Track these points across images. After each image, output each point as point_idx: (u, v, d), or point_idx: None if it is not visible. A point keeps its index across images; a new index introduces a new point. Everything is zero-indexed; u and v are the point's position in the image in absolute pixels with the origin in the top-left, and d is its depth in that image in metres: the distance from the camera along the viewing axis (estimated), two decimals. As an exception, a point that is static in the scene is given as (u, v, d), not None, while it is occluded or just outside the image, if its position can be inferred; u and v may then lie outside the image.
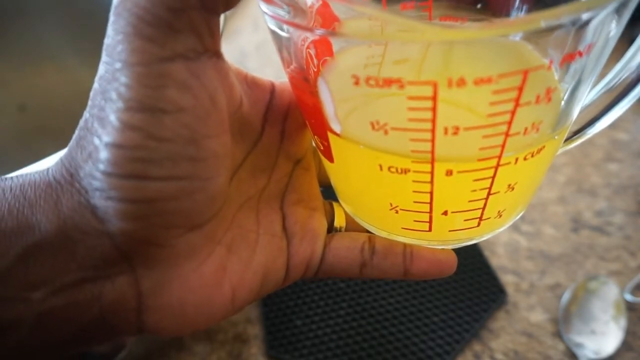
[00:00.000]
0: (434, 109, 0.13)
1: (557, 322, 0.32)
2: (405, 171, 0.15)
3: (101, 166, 0.13)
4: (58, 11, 0.39)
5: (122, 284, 0.15)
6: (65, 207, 0.14)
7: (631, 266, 0.35)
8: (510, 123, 0.14)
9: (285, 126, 0.18)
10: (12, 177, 0.14)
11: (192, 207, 0.14)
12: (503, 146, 0.14)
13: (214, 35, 0.14)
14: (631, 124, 0.47)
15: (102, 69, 0.13)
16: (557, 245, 0.37)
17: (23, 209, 0.14)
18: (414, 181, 0.15)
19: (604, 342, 0.30)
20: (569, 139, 0.20)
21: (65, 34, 0.40)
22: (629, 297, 0.33)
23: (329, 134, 0.16)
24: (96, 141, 0.13)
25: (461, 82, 0.12)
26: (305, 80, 0.16)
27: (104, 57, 0.13)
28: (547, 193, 0.41)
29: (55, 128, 0.41)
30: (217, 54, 0.14)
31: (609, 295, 0.33)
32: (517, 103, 0.13)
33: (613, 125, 0.47)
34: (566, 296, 0.33)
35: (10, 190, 0.14)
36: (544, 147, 0.16)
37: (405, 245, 0.18)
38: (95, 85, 0.13)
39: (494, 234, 0.19)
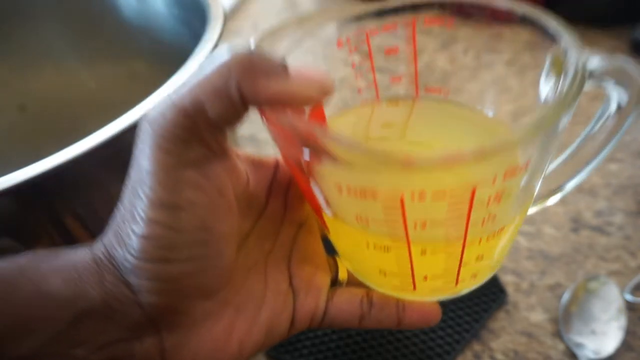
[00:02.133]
0: (403, 212, 0.16)
1: (557, 322, 0.32)
2: (388, 248, 0.19)
3: (133, 252, 0.16)
4: (58, 11, 0.39)
5: (149, 344, 0.18)
6: (107, 281, 0.17)
7: (631, 266, 0.35)
8: (467, 221, 0.17)
9: (288, 197, 0.21)
10: (61, 253, 0.18)
11: (206, 281, 0.18)
12: (465, 234, 0.17)
13: (221, 142, 0.17)
14: (631, 124, 0.47)
15: (132, 172, 0.17)
16: (557, 246, 0.37)
17: (75, 282, 0.17)
18: (396, 255, 0.19)
19: (604, 342, 0.30)
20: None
21: (65, 34, 0.40)
22: (629, 297, 0.33)
23: (323, 214, 0.19)
24: (128, 231, 0.16)
25: (422, 197, 0.15)
26: (300, 170, 0.18)
27: (133, 163, 0.17)
28: (547, 193, 0.41)
29: (55, 128, 0.41)
30: (224, 154, 0.17)
31: (609, 295, 0.33)
32: (470, 208, 0.16)
33: (613, 125, 0.47)
34: (566, 296, 0.33)
35: (65, 266, 0.17)
36: (504, 227, 0.19)
37: (397, 299, 0.21)
38: (128, 184, 0.17)
39: (472, 289, 0.22)
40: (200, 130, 0.16)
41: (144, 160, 0.16)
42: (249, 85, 0.15)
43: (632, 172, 0.42)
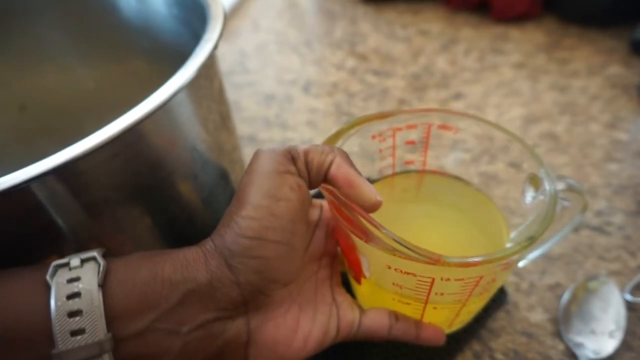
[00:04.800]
0: (431, 286, 0.24)
1: (557, 322, 0.32)
2: (409, 303, 0.26)
3: (238, 230, 0.21)
4: (58, 11, 0.39)
5: (240, 323, 0.22)
6: (213, 266, 0.21)
7: (631, 266, 0.35)
8: (470, 293, 0.25)
9: (328, 232, 0.27)
10: (172, 250, 0.22)
11: (286, 267, 0.22)
12: (467, 299, 0.25)
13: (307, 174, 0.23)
14: (631, 124, 0.47)
15: (245, 177, 0.22)
16: (557, 245, 0.37)
17: (185, 268, 0.21)
18: (413, 308, 0.26)
19: (604, 342, 0.30)
20: None
21: (65, 34, 0.40)
22: (629, 297, 0.33)
23: (362, 276, 0.27)
24: (236, 217, 0.21)
25: (447, 280, 0.23)
26: (349, 243, 0.25)
27: (249, 171, 0.22)
28: (547, 193, 0.41)
29: (55, 128, 0.41)
30: (306, 181, 0.23)
31: (609, 295, 0.33)
32: (475, 286, 0.24)
33: (613, 125, 0.47)
34: (566, 296, 0.33)
35: (176, 257, 0.21)
36: (491, 293, 0.28)
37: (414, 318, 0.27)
38: (242, 184, 0.22)
39: (458, 329, 0.31)
40: (299, 162, 0.22)
41: (261, 167, 0.22)
42: (340, 165, 0.22)
43: (632, 172, 0.42)
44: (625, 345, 0.31)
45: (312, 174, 0.22)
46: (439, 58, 0.60)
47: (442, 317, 0.28)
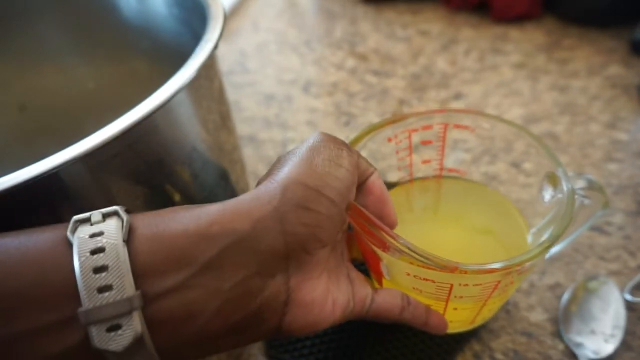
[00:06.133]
0: (450, 291, 0.25)
1: (557, 322, 0.32)
2: (430, 305, 0.27)
3: (297, 177, 0.20)
4: (58, 11, 0.39)
5: (280, 280, 0.21)
6: (257, 215, 0.20)
7: (631, 266, 0.35)
8: (490, 295, 0.25)
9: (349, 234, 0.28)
10: (212, 203, 0.20)
11: (333, 229, 0.21)
12: (486, 301, 0.26)
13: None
14: (631, 124, 0.47)
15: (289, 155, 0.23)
16: (557, 245, 0.37)
17: (224, 221, 0.19)
18: (434, 309, 0.27)
19: (604, 342, 0.30)
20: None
21: (65, 34, 0.40)
22: (628, 297, 0.33)
23: (383, 278, 0.28)
24: (292, 167, 0.21)
25: (465, 285, 0.24)
26: (371, 251, 0.26)
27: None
28: (547, 193, 0.41)
29: (55, 128, 0.41)
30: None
31: (609, 295, 0.33)
32: (494, 289, 0.25)
33: (613, 125, 0.47)
34: (566, 296, 0.33)
35: (213, 208, 0.20)
36: (509, 293, 0.28)
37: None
38: (293, 151, 0.22)
39: (480, 325, 0.31)
40: (354, 154, 0.23)
41: (321, 140, 0.22)
42: (378, 177, 0.24)
43: (632, 172, 0.42)
44: (625, 345, 0.31)
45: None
46: (439, 58, 0.60)
47: (463, 317, 0.28)
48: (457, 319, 0.28)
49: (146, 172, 0.24)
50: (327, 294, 0.23)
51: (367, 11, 0.71)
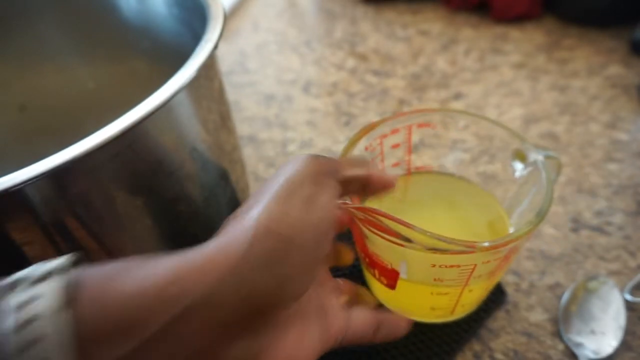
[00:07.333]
0: (472, 271, 0.25)
1: (557, 322, 0.32)
2: (447, 293, 0.28)
3: (266, 223, 0.19)
4: (58, 11, 0.39)
5: (245, 344, 0.19)
6: (220, 271, 0.18)
7: (631, 266, 0.35)
8: (504, 266, 0.27)
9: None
10: (173, 255, 0.18)
11: (307, 281, 0.20)
12: (499, 274, 0.28)
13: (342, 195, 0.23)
14: (631, 124, 0.47)
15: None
16: (557, 245, 0.37)
17: (183, 280, 0.17)
18: (450, 296, 0.28)
19: (604, 342, 0.30)
20: None
21: (65, 34, 0.40)
22: (628, 297, 0.33)
23: (400, 278, 0.28)
24: (263, 207, 0.19)
25: (487, 263, 0.25)
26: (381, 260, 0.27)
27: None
28: (547, 193, 0.41)
29: (55, 128, 0.41)
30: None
31: (609, 295, 0.33)
32: (506, 261, 0.27)
33: (613, 126, 0.47)
34: (566, 296, 0.33)
35: (175, 263, 0.18)
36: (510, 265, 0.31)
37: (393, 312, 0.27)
38: (266, 184, 0.21)
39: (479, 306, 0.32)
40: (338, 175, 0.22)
41: (297, 171, 0.21)
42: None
43: (632, 172, 0.42)
44: (625, 345, 0.31)
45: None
46: (439, 58, 0.60)
47: (475, 297, 0.30)
48: (469, 300, 0.29)
49: (146, 172, 0.24)
50: (301, 345, 0.21)
51: (367, 11, 0.71)
